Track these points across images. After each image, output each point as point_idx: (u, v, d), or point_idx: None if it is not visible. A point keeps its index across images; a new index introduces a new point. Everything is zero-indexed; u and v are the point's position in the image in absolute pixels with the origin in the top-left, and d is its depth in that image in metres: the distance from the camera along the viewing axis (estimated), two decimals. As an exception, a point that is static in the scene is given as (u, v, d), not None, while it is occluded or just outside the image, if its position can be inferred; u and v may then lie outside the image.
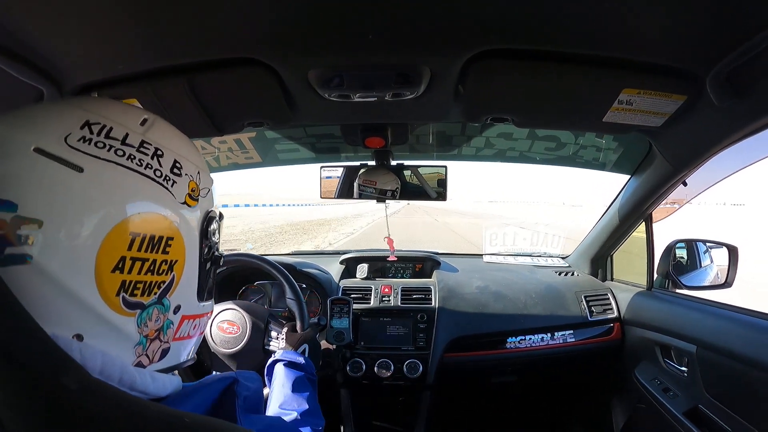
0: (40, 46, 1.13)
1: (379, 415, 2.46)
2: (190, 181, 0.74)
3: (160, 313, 0.69)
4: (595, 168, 2.45)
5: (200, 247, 0.77)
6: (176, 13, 1.02)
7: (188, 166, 0.75)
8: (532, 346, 2.38)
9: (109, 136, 0.65)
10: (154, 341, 0.69)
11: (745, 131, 1.38)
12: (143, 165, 0.66)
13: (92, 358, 0.59)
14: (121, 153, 0.65)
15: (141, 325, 0.66)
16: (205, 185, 0.78)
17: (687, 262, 2.26)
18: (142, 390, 0.65)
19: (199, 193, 0.76)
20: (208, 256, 0.80)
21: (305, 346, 1.69)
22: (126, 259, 0.63)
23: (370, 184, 2.13)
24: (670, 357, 2.02)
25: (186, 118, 1.49)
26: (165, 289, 0.69)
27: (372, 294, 2.55)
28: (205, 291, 0.81)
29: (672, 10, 1.00)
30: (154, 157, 0.69)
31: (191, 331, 0.79)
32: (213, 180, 0.84)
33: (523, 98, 1.42)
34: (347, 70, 1.28)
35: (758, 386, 1.50)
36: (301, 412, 1.27)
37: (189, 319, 0.77)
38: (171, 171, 0.70)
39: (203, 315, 0.83)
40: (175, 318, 0.73)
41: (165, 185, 0.69)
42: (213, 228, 0.79)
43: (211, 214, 0.78)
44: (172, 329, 0.73)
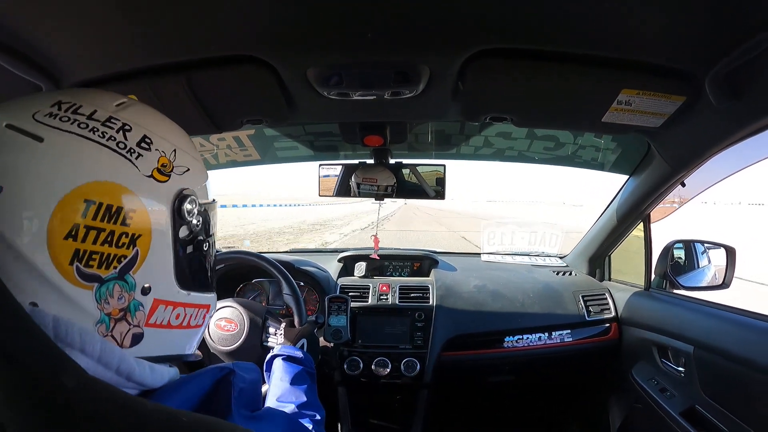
0: (39, 43, 1.13)
1: (377, 414, 2.45)
2: (160, 157, 0.72)
3: (123, 291, 0.66)
4: (594, 168, 2.46)
5: (173, 225, 0.73)
6: (175, 10, 1.02)
7: (161, 143, 0.74)
8: (530, 345, 2.38)
9: (77, 112, 0.66)
10: (120, 322, 0.67)
11: (743, 132, 1.38)
12: (105, 137, 0.66)
13: (91, 343, 0.60)
14: (84, 126, 0.65)
15: (101, 301, 0.64)
16: (182, 164, 0.76)
17: (685, 263, 2.26)
18: (139, 381, 0.65)
19: (172, 169, 0.74)
20: (187, 238, 0.77)
21: (303, 340, 1.70)
22: (80, 227, 0.61)
23: (368, 182, 2.13)
24: (667, 357, 2.02)
25: (185, 116, 1.48)
26: (127, 265, 0.66)
27: (370, 292, 2.55)
28: (189, 278, 0.79)
29: (671, 11, 1.00)
30: (120, 131, 0.68)
31: (173, 321, 0.76)
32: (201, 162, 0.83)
33: (522, 98, 1.42)
34: (346, 69, 1.28)
35: (754, 387, 1.50)
36: (298, 404, 1.27)
37: (166, 305, 0.74)
38: (137, 145, 0.69)
39: (190, 305, 0.80)
40: (144, 300, 0.70)
41: (127, 157, 0.67)
42: (189, 208, 0.75)
43: (186, 193, 0.75)
44: (142, 312, 0.70)
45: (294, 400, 1.30)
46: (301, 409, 1.26)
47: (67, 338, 0.58)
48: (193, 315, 0.81)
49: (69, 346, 0.58)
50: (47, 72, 1.23)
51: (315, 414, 1.27)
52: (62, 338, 0.57)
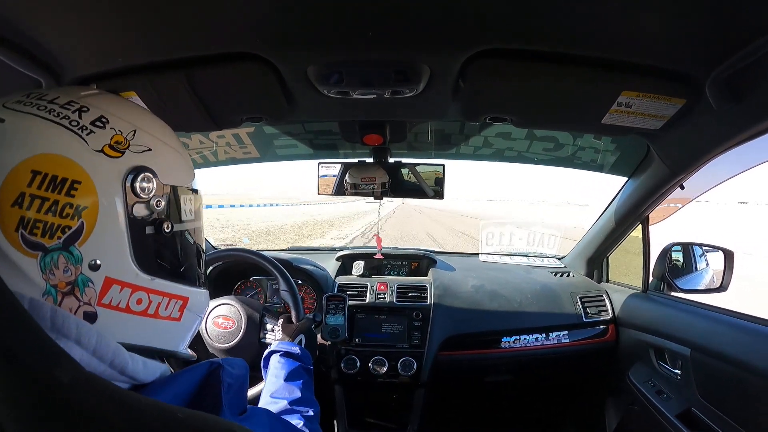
0: (39, 37, 1.12)
1: (373, 412, 2.46)
2: (114, 135, 0.73)
3: (68, 263, 0.66)
4: (593, 169, 2.46)
5: (125, 201, 0.73)
6: (176, 7, 1.01)
7: (118, 123, 0.75)
8: (527, 345, 2.39)
9: (41, 98, 0.71)
10: (68, 296, 0.67)
11: (743, 135, 1.38)
12: (60, 116, 0.69)
13: (87, 335, 0.61)
14: (42, 108, 0.69)
15: (45, 271, 0.65)
16: (142, 144, 0.76)
17: (683, 266, 2.26)
18: (131, 375, 0.66)
19: (127, 147, 0.74)
20: (145, 218, 0.76)
21: (301, 336, 1.70)
22: (26, 195, 0.63)
23: (363, 181, 2.13)
24: (664, 359, 2.02)
25: (184, 112, 1.48)
26: (71, 236, 0.67)
27: (367, 291, 2.55)
28: (152, 261, 0.78)
29: (672, 13, 1.00)
30: (76, 112, 0.71)
31: (134, 306, 0.75)
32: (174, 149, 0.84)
33: (522, 98, 1.42)
34: (347, 67, 1.28)
35: (751, 390, 1.50)
36: (291, 400, 1.27)
37: (122, 286, 0.73)
38: (91, 123, 0.71)
39: (156, 292, 0.78)
40: (94, 276, 0.69)
41: (78, 133, 0.69)
42: (144, 186, 0.75)
43: (141, 169, 0.74)
44: (92, 289, 0.69)
45: (287, 396, 1.30)
46: (293, 405, 1.26)
47: (63, 329, 0.59)
48: (161, 304, 0.80)
49: (65, 336, 0.59)
50: (47, 67, 1.23)
51: (308, 410, 1.27)
52: (59, 328, 0.59)
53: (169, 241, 0.82)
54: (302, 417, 1.22)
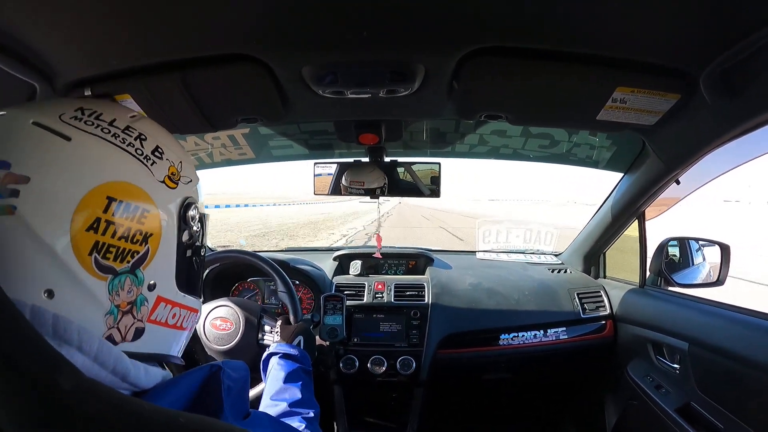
0: (32, 41, 1.12)
1: (372, 412, 2.46)
2: (170, 166, 0.78)
3: (132, 285, 0.71)
4: (588, 166, 2.46)
5: (178, 228, 0.79)
6: (170, 8, 1.01)
7: (170, 154, 0.79)
8: (525, 343, 2.39)
9: (99, 118, 0.72)
10: (126, 315, 0.71)
11: (737, 130, 1.38)
12: (126, 143, 0.72)
13: (89, 341, 0.61)
14: (107, 131, 0.71)
15: (112, 293, 0.68)
16: (187, 176, 0.83)
17: (679, 260, 2.27)
18: (133, 382, 0.66)
19: (179, 179, 0.80)
20: (188, 243, 0.83)
21: (300, 338, 1.70)
22: (101, 220, 0.66)
23: (357, 184, 2.13)
24: (663, 354, 2.03)
25: (179, 114, 1.48)
26: (139, 260, 0.71)
27: (365, 290, 2.55)
28: (185, 280, 0.84)
29: (666, 9, 1.00)
30: (137, 139, 0.74)
31: (170, 320, 0.81)
32: (199, 178, 0.90)
33: (517, 96, 1.42)
34: (341, 67, 1.27)
35: (749, 383, 1.50)
36: (291, 402, 1.28)
37: (166, 303, 0.79)
38: (152, 153, 0.75)
39: (184, 306, 0.85)
40: (149, 295, 0.75)
41: (144, 162, 0.73)
42: (192, 214, 0.82)
43: (190, 201, 0.82)
44: (146, 307, 0.74)
45: (287, 398, 1.31)
46: (293, 407, 1.27)
47: (66, 335, 0.59)
48: (185, 317, 0.86)
49: (67, 343, 0.59)
50: (40, 70, 1.22)
51: (309, 411, 1.28)
52: (61, 335, 0.59)
53: (198, 261, 0.90)
54: (303, 419, 1.22)
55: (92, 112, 0.73)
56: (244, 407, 0.80)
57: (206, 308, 1.81)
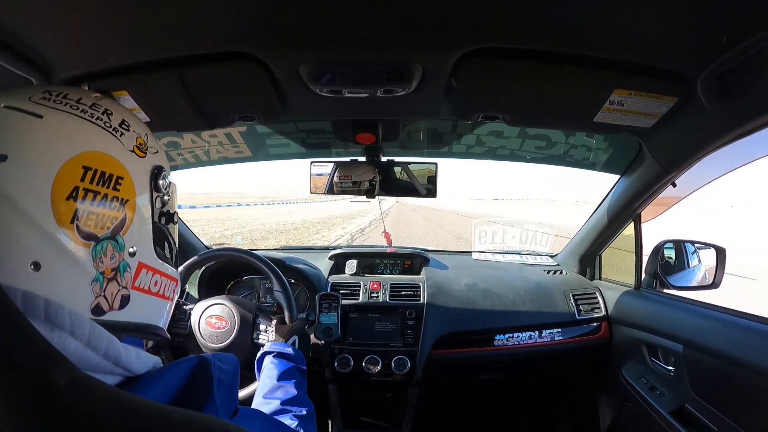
0: (30, 37, 1.12)
1: (367, 411, 2.46)
2: (137, 137, 0.82)
3: (114, 251, 0.74)
4: (586, 167, 2.46)
5: (151, 195, 0.83)
6: (168, 6, 1.01)
7: (135, 127, 0.83)
8: (520, 343, 2.39)
9: (66, 97, 0.75)
10: (111, 282, 0.73)
11: (734, 134, 1.38)
12: (95, 117, 0.75)
13: (81, 326, 0.62)
14: (75, 107, 0.74)
15: (96, 259, 0.70)
16: (153, 147, 0.86)
17: (675, 263, 2.27)
18: (125, 366, 0.67)
19: (147, 149, 0.83)
20: (161, 210, 0.87)
21: (295, 337, 1.70)
22: (79, 189, 0.68)
23: (346, 181, 2.13)
24: (657, 356, 2.03)
25: (176, 112, 1.48)
26: (118, 226, 0.74)
27: (361, 290, 2.55)
28: (162, 247, 0.88)
29: (664, 12, 1.00)
30: (105, 114, 0.77)
31: (152, 287, 0.84)
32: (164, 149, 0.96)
33: (515, 97, 1.42)
34: (339, 66, 1.27)
35: (744, 386, 1.51)
36: (284, 400, 1.29)
37: (147, 269, 0.82)
38: (120, 125, 0.79)
39: (165, 274, 0.88)
40: (131, 261, 0.78)
41: (114, 134, 0.77)
42: (162, 182, 0.86)
43: (160, 169, 0.85)
44: (129, 274, 0.77)
45: (280, 396, 1.31)
46: (286, 405, 1.27)
47: (57, 320, 0.60)
48: (167, 285, 0.90)
49: (59, 327, 0.60)
50: (38, 66, 1.22)
51: (302, 410, 1.27)
52: (52, 319, 0.60)
53: (171, 229, 0.93)
54: (295, 417, 1.23)
55: (59, 92, 0.75)
56: (232, 404, 0.81)
57: (201, 306, 1.82)
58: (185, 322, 1.83)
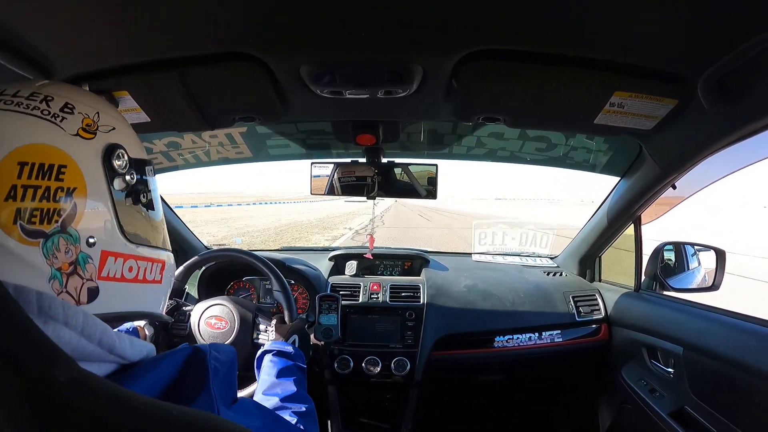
0: (31, 37, 1.12)
1: (367, 412, 2.45)
2: (83, 118, 0.77)
3: (69, 244, 0.70)
4: (586, 169, 2.46)
5: (106, 177, 0.78)
6: (169, 6, 1.01)
7: (82, 107, 0.78)
8: (520, 345, 2.39)
9: (2, 94, 0.72)
10: (72, 276, 0.70)
11: (735, 136, 1.38)
12: (30, 107, 0.71)
13: (74, 315, 0.62)
14: (9, 102, 0.71)
15: (49, 256, 0.68)
16: (107, 124, 0.81)
17: (675, 265, 2.27)
18: (119, 353, 0.67)
19: (97, 128, 0.78)
20: (123, 190, 0.82)
21: (295, 336, 1.70)
22: (17, 187, 0.65)
23: (347, 182, 2.13)
24: (657, 358, 2.03)
25: (177, 112, 1.48)
26: (67, 218, 0.70)
27: (360, 291, 2.55)
28: (133, 230, 0.83)
29: (664, 14, 1.00)
30: (43, 101, 0.73)
31: (126, 273, 0.80)
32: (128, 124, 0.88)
33: (515, 99, 1.42)
34: (340, 67, 1.28)
35: (743, 388, 1.51)
36: (283, 397, 1.28)
37: (116, 257, 0.78)
38: (60, 110, 0.74)
39: (142, 258, 0.85)
40: (92, 252, 0.74)
41: (52, 120, 0.72)
42: (119, 163, 0.80)
43: (113, 147, 0.79)
44: (92, 265, 0.74)
45: (279, 393, 1.31)
46: (285, 402, 1.27)
47: (50, 311, 0.60)
48: (147, 269, 0.86)
49: (53, 319, 0.60)
50: (38, 65, 1.22)
51: (301, 406, 1.27)
52: (46, 312, 0.59)
53: (144, 209, 0.88)
54: (294, 413, 1.22)
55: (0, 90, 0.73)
56: (231, 393, 0.81)
57: (201, 306, 1.81)
58: (185, 323, 1.83)
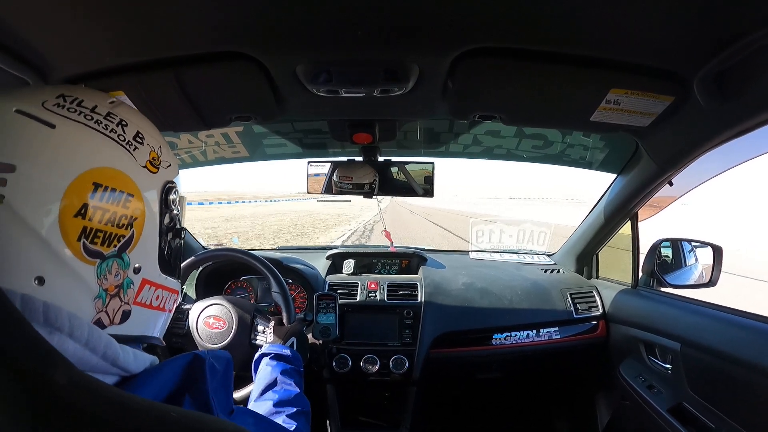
0: (26, 37, 1.11)
1: (366, 411, 2.45)
2: (151, 151, 0.80)
3: (119, 268, 0.73)
4: (582, 167, 2.46)
5: (160, 212, 0.82)
6: (165, 6, 1.01)
7: (150, 140, 0.81)
8: (518, 342, 2.39)
9: (81, 105, 0.73)
10: (114, 298, 0.72)
11: (731, 133, 1.39)
12: (108, 129, 0.73)
13: (80, 327, 0.62)
14: (89, 117, 0.72)
15: (100, 277, 0.69)
16: (167, 160, 0.84)
17: (672, 261, 2.27)
18: (123, 366, 0.67)
19: (160, 163, 0.81)
20: (169, 225, 0.86)
21: (293, 339, 1.70)
22: (88, 206, 0.67)
23: (347, 182, 2.13)
24: (655, 354, 2.03)
25: (173, 112, 1.48)
26: (125, 244, 0.73)
27: (358, 289, 2.55)
28: (168, 263, 0.87)
29: (660, 11, 1.00)
30: (119, 125, 0.75)
31: (154, 301, 0.83)
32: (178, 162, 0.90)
33: (511, 96, 1.43)
34: (336, 66, 1.28)
35: (741, 383, 1.51)
36: (279, 401, 1.29)
37: (150, 285, 0.81)
38: (134, 138, 0.77)
39: (167, 288, 0.87)
40: (135, 278, 0.77)
41: (127, 148, 0.75)
42: (173, 198, 0.85)
43: (170, 185, 0.84)
44: (132, 290, 0.76)
45: (276, 397, 1.31)
46: (282, 406, 1.27)
47: (57, 322, 0.60)
48: (168, 298, 0.89)
49: (58, 330, 0.60)
50: (34, 66, 1.22)
51: (298, 410, 1.28)
52: (52, 322, 0.60)
53: (179, 243, 0.93)
54: (290, 417, 1.23)
55: (74, 98, 0.73)
56: (227, 401, 0.81)
57: (199, 306, 1.81)
58: (183, 322, 1.83)
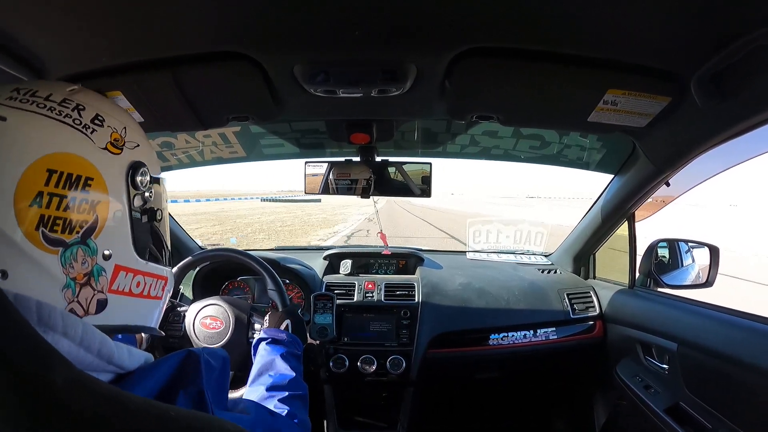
0: (22, 36, 1.11)
1: (363, 411, 2.46)
2: (112, 132, 0.78)
3: (86, 255, 0.71)
4: (579, 167, 2.46)
5: (128, 194, 0.79)
6: (161, 6, 1.01)
7: (111, 121, 0.79)
8: (515, 342, 2.39)
9: (34, 95, 0.72)
10: (84, 287, 0.71)
11: (728, 133, 1.39)
12: (63, 114, 0.72)
13: (73, 326, 0.62)
14: (42, 105, 0.71)
15: (66, 265, 0.68)
16: (133, 140, 0.82)
17: (669, 261, 2.28)
18: (118, 363, 0.67)
19: (123, 144, 0.79)
20: (142, 207, 0.84)
21: (287, 321, 1.69)
22: (44, 194, 0.66)
23: (344, 182, 2.13)
24: (651, 354, 2.04)
25: (170, 112, 1.48)
26: (88, 230, 0.71)
27: (355, 290, 2.55)
28: (145, 247, 0.85)
29: (658, 12, 1.01)
30: (75, 110, 0.74)
31: (134, 288, 0.81)
32: (150, 143, 0.89)
33: (509, 97, 1.43)
34: (333, 66, 1.28)
35: (737, 383, 1.51)
36: (274, 385, 1.29)
37: (127, 271, 0.79)
38: (91, 122, 0.75)
39: (149, 274, 0.85)
40: (106, 265, 0.75)
41: (83, 131, 0.73)
42: (141, 179, 0.82)
43: (138, 165, 0.81)
44: (105, 278, 0.75)
45: (272, 381, 1.31)
46: (277, 390, 1.27)
47: (50, 321, 0.60)
48: (152, 285, 0.87)
49: (52, 329, 0.60)
50: (31, 66, 1.22)
51: (294, 392, 1.28)
52: (45, 321, 0.60)
53: (156, 227, 0.90)
54: (282, 401, 1.23)
55: (27, 90, 0.73)
56: (223, 396, 0.82)
57: (196, 307, 1.81)
58: (180, 323, 1.83)
